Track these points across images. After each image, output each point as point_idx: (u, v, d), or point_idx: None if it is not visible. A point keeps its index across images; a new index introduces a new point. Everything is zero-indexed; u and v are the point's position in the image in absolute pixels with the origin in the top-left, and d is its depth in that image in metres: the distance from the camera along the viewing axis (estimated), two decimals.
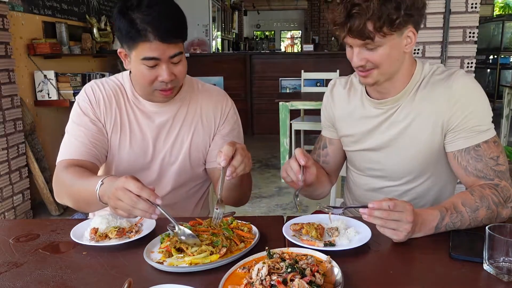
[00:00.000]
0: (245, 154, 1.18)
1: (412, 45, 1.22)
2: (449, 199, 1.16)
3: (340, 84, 1.46)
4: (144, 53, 1.23)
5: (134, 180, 1.02)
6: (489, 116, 1.24)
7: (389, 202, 1.03)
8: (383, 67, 1.20)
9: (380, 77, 1.23)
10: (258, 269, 0.87)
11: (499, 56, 8.73)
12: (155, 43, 1.22)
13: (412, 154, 1.31)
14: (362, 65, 1.21)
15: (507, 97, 5.11)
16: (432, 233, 1.10)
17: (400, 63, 1.24)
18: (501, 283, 0.90)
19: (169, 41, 1.23)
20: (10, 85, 3.28)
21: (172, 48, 1.25)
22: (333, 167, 1.52)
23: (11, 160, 3.30)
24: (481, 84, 1.26)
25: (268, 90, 6.45)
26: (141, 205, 1.01)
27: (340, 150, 1.50)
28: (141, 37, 1.22)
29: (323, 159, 1.51)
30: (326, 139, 1.50)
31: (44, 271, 0.99)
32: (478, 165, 1.20)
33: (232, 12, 12.66)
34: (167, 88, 1.31)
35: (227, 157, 1.13)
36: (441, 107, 1.24)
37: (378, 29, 1.12)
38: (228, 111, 1.52)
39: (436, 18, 2.72)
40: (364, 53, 1.19)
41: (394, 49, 1.19)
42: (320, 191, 1.47)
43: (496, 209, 1.14)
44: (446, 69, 1.30)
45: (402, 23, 1.14)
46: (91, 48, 4.77)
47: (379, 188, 1.41)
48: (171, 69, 1.28)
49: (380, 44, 1.16)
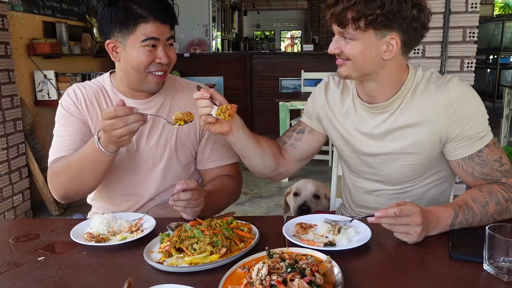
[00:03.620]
0: (197, 199, 1.20)
1: (392, 53, 1.17)
2: (459, 197, 1.17)
3: (334, 82, 1.42)
4: (146, 33, 1.29)
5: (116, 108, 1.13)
6: (486, 120, 1.23)
7: (395, 209, 1.03)
8: (355, 61, 1.19)
9: (352, 72, 1.22)
10: (258, 269, 0.87)
11: (499, 56, 8.72)
12: (155, 23, 1.29)
13: (408, 162, 1.29)
14: (337, 54, 1.21)
15: (507, 97, 5.10)
16: (447, 230, 1.11)
17: (376, 67, 1.20)
18: (501, 283, 0.90)
19: (166, 21, 1.32)
20: (10, 85, 3.28)
21: (167, 30, 1.34)
22: (297, 156, 1.46)
23: (11, 160, 3.30)
24: (481, 84, 1.27)
25: (268, 90, 6.44)
26: (132, 118, 1.13)
27: (315, 143, 1.47)
28: (141, 18, 1.28)
29: (292, 141, 1.45)
30: (307, 127, 1.46)
31: (44, 271, 0.99)
32: (484, 170, 1.21)
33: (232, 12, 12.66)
34: (163, 70, 1.35)
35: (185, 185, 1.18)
36: (438, 117, 1.21)
37: (355, 20, 1.12)
38: None
39: (436, 18, 2.72)
40: (340, 42, 1.19)
41: (369, 49, 1.16)
42: (257, 160, 1.37)
43: (505, 203, 1.15)
44: (440, 76, 1.27)
45: (380, 24, 1.12)
46: (91, 48, 4.77)
47: (376, 190, 1.39)
48: (167, 51, 1.34)
49: (355, 38, 1.15)
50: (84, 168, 1.28)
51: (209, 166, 1.52)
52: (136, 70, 1.34)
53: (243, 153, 1.35)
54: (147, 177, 1.45)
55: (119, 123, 1.12)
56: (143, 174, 1.45)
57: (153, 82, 1.37)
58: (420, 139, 1.25)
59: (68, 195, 1.36)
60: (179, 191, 1.18)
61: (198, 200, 1.21)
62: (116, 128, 1.13)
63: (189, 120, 1.21)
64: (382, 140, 1.29)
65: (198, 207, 1.22)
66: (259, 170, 1.43)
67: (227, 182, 1.49)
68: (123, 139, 1.16)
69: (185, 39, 7.86)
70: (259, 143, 1.35)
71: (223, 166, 1.52)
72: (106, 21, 1.32)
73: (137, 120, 1.14)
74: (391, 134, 1.28)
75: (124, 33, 1.30)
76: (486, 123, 1.23)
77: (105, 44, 1.36)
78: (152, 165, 1.45)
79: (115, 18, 1.29)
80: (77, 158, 1.29)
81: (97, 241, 1.12)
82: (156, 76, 1.35)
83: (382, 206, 1.12)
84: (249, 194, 4.02)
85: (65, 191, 1.35)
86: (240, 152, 1.35)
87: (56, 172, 1.34)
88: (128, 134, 1.15)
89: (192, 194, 1.18)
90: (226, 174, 1.52)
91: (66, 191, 1.35)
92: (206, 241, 1.03)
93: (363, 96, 1.32)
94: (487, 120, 1.24)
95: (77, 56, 4.56)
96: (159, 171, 1.45)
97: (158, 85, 1.39)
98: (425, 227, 1.06)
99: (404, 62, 1.25)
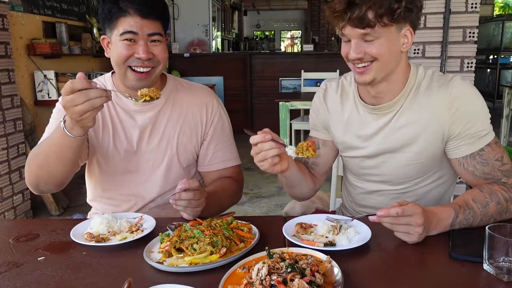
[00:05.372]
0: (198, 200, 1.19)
1: (408, 45, 1.20)
2: (460, 197, 1.17)
3: (332, 88, 1.41)
4: (124, 27, 1.27)
5: (73, 80, 1.08)
6: (488, 119, 1.23)
7: (397, 209, 1.03)
8: (382, 59, 1.17)
9: (378, 74, 1.19)
10: (258, 269, 0.87)
11: (499, 56, 8.73)
12: (134, 17, 1.27)
13: (411, 161, 1.29)
14: (359, 58, 1.17)
15: (507, 97, 5.11)
16: (447, 230, 1.11)
17: (397, 62, 1.22)
18: (501, 283, 0.90)
19: (148, 16, 1.28)
20: (10, 85, 3.28)
21: (151, 26, 1.29)
22: (322, 170, 1.47)
23: (11, 160, 3.30)
24: (481, 84, 1.27)
25: (268, 90, 6.45)
26: (93, 93, 1.07)
27: (333, 151, 1.46)
28: (121, 12, 1.27)
29: (313, 160, 1.44)
30: (320, 141, 1.45)
31: (44, 271, 0.99)
32: (486, 169, 1.21)
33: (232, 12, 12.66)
34: (144, 66, 1.30)
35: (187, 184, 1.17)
36: (441, 116, 1.22)
37: (379, 17, 1.11)
38: (215, 114, 1.49)
39: (436, 18, 2.72)
40: (362, 45, 1.16)
41: (393, 43, 1.16)
42: (303, 186, 1.39)
43: (506, 204, 1.15)
44: (442, 75, 1.28)
45: (402, 15, 1.13)
46: (91, 48, 4.77)
47: (378, 190, 1.39)
48: (150, 48, 1.30)
49: (379, 36, 1.14)
50: (51, 154, 1.23)
51: (211, 169, 1.50)
52: (116, 64, 1.32)
53: (295, 184, 1.35)
54: (148, 179, 1.45)
55: (79, 98, 1.07)
56: (143, 175, 1.44)
57: (132, 78, 1.32)
58: (423, 137, 1.25)
59: (38, 184, 1.31)
60: (180, 190, 1.17)
61: (199, 200, 1.20)
62: (76, 103, 1.07)
63: (156, 96, 1.20)
64: (386, 140, 1.30)
65: (198, 207, 1.21)
66: (306, 195, 1.45)
67: (229, 184, 1.49)
68: (85, 117, 1.10)
69: (185, 39, 7.87)
70: (301, 170, 1.37)
71: (225, 168, 1.51)
72: (100, 17, 1.34)
73: (100, 96, 1.08)
74: (395, 133, 1.28)
75: (110, 27, 1.31)
76: (488, 122, 1.23)
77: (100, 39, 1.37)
78: (153, 167, 1.44)
79: (104, 13, 1.31)
80: (46, 144, 1.26)
81: (97, 241, 1.12)
82: (136, 72, 1.31)
83: (384, 206, 1.11)
84: (249, 194, 4.03)
85: (35, 179, 1.30)
86: (292, 184, 1.35)
87: (29, 159, 1.30)
88: (90, 111, 1.09)
89: (194, 194, 1.18)
90: (228, 176, 1.51)
91: (36, 179, 1.30)
92: (206, 241, 1.03)
93: (368, 98, 1.31)
94: (489, 119, 1.24)
95: (77, 56, 4.56)
96: (160, 173, 1.44)
97: (139, 82, 1.32)
98: (426, 227, 1.06)
99: (407, 57, 1.27)
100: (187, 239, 1.05)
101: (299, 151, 1.13)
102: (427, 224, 1.06)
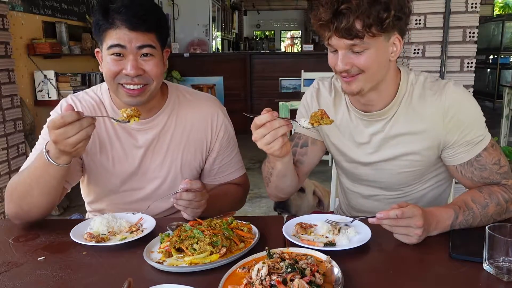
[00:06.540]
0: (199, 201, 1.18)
1: (397, 53, 1.15)
2: (459, 197, 1.17)
3: (325, 88, 1.36)
4: (112, 41, 1.19)
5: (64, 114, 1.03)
6: (483, 122, 1.22)
7: (396, 211, 1.03)
8: (370, 72, 1.12)
9: (365, 85, 1.14)
10: (258, 269, 0.87)
11: (499, 56, 8.73)
12: (122, 29, 1.19)
13: (406, 169, 1.27)
14: (347, 70, 1.12)
15: (507, 97, 5.11)
16: (447, 230, 1.11)
17: (386, 72, 1.17)
18: (501, 283, 0.90)
19: (137, 28, 1.19)
20: (10, 85, 3.28)
21: (140, 38, 1.19)
22: (305, 169, 1.41)
23: (11, 160, 3.30)
24: (481, 84, 1.26)
25: (268, 90, 6.45)
26: (85, 122, 1.04)
27: (321, 152, 1.41)
28: (109, 24, 1.19)
29: (298, 157, 1.38)
30: (309, 139, 1.39)
31: (44, 271, 0.99)
32: (484, 174, 1.20)
33: (232, 12, 12.67)
34: (133, 83, 1.21)
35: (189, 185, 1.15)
36: (435, 125, 1.20)
37: (367, 28, 1.05)
38: (220, 127, 1.43)
39: (436, 18, 2.72)
40: (349, 56, 1.10)
41: (381, 54, 1.11)
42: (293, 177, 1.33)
43: (506, 204, 1.15)
44: (434, 81, 1.23)
45: (391, 25, 1.08)
46: (91, 48, 4.77)
47: (374, 195, 1.37)
48: (140, 63, 1.21)
49: (368, 47, 1.08)
50: (33, 184, 1.15)
51: (215, 182, 1.48)
52: (107, 81, 1.26)
53: (287, 172, 1.27)
54: (151, 196, 1.40)
55: (72, 130, 1.02)
56: (146, 193, 1.41)
57: (124, 95, 1.24)
58: (418, 146, 1.23)
59: (18, 214, 1.22)
60: (182, 190, 1.16)
61: (200, 202, 1.19)
62: (69, 136, 1.03)
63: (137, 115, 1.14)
64: (379, 148, 1.27)
65: (199, 208, 1.21)
66: (292, 188, 1.38)
67: (233, 189, 1.47)
68: (79, 146, 1.06)
69: (185, 39, 7.88)
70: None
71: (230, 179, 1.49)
72: (93, 29, 1.28)
73: (91, 123, 1.05)
74: (389, 142, 1.26)
75: (100, 41, 1.24)
76: (483, 126, 1.22)
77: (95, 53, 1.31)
78: (156, 185, 1.40)
79: (94, 26, 1.25)
80: (27, 173, 1.17)
81: (97, 241, 1.11)
82: (126, 89, 1.23)
83: (380, 210, 1.09)
84: (249, 194, 4.00)
85: (16, 210, 1.21)
86: (285, 172, 1.27)
87: (10, 188, 1.22)
88: (84, 140, 1.05)
89: (195, 195, 1.17)
90: (234, 183, 1.49)
91: (16, 209, 1.21)
92: (206, 241, 1.03)
93: (358, 105, 1.27)
94: (484, 123, 1.22)
95: (77, 56, 4.57)
96: (164, 190, 1.39)
97: (133, 99, 1.24)
98: (426, 229, 1.05)
99: (396, 62, 1.23)
100: (187, 239, 1.05)
101: (314, 120, 1.07)
102: (427, 225, 1.05)
